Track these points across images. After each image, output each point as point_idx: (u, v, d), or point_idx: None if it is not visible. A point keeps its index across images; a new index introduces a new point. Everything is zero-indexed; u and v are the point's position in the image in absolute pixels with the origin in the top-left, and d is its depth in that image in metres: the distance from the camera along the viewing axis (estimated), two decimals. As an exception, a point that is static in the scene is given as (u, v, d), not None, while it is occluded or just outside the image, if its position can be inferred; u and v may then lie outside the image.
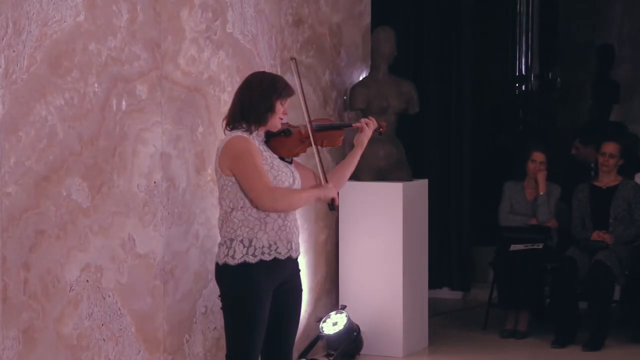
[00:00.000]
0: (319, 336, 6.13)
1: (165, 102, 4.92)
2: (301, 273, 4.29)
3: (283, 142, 4.21)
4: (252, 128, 4.11)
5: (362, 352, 6.25)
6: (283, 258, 4.10)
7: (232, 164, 4.05)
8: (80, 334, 4.45)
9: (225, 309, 4.12)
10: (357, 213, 6.36)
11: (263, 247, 4.05)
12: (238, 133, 4.10)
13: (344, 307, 6.21)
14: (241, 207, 4.06)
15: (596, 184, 6.86)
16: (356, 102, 6.45)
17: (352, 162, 4.41)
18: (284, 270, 4.14)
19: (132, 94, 4.71)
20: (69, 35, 4.36)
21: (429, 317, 6.71)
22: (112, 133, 4.60)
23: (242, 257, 4.03)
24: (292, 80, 4.29)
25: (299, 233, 4.21)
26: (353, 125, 4.39)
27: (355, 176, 6.46)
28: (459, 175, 8.00)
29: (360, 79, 6.65)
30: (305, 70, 6.10)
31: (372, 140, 6.42)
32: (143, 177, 4.79)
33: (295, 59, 4.39)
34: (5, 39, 4.05)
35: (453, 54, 7.94)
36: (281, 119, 4.17)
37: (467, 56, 7.95)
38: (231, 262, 4.04)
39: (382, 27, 6.63)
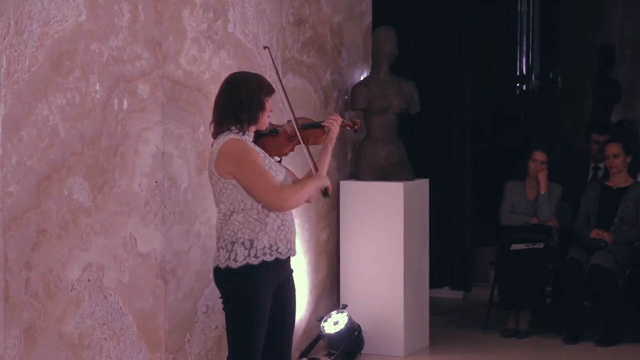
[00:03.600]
0: (320, 335, 6.13)
1: (166, 101, 4.93)
2: (301, 275, 4.30)
3: (272, 142, 4.21)
4: (245, 127, 4.09)
5: (363, 351, 6.25)
6: (284, 258, 4.11)
7: (234, 167, 4.02)
8: (81, 333, 4.46)
9: (228, 311, 4.10)
10: (358, 213, 6.36)
11: (264, 247, 4.04)
12: (231, 136, 4.06)
13: (345, 307, 6.21)
14: (242, 210, 4.04)
15: (607, 183, 6.86)
16: (357, 102, 6.45)
17: (325, 160, 4.33)
18: (284, 270, 4.14)
19: (133, 94, 4.72)
20: (71, 34, 4.36)
21: (430, 316, 6.71)
22: (114, 132, 4.61)
23: (245, 259, 4.01)
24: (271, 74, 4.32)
25: (295, 232, 4.22)
26: (322, 124, 4.33)
27: (357, 176, 6.50)
28: (460, 174, 8.00)
29: (361, 78, 6.65)
30: (306, 70, 6.11)
31: (373, 140, 6.52)
32: (144, 177, 4.80)
33: (268, 47, 4.39)
34: (7, 38, 4.06)
35: (454, 53, 7.94)
36: (268, 116, 4.16)
37: (468, 56, 7.95)
38: (233, 265, 4.02)
39: (383, 26, 6.64)
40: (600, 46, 9.70)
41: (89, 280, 4.49)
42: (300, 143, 4.22)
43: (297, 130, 4.20)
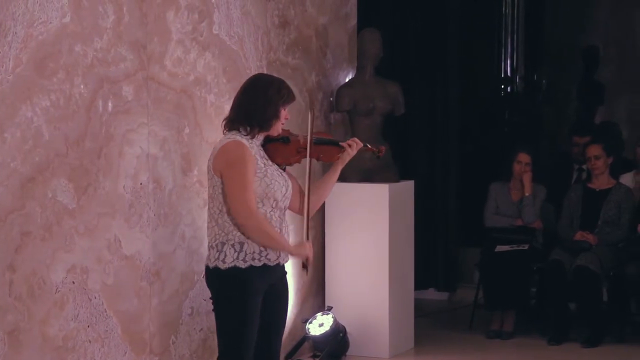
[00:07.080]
0: (305, 337, 6.13)
1: (151, 103, 4.92)
2: (287, 275, 4.29)
3: (280, 149, 4.14)
4: (255, 132, 4.07)
5: (348, 353, 6.26)
6: (272, 264, 4.08)
7: (224, 168, 3.99)
8: (66, 335, 4.45)
9: (217, 312, 4.10)
10: (344, 214, 6.37)
11: (254, 252, 4.02)
12: (237, 137, 4.03)
13: (330, 308, 6.22)
14: None
15: (590, 186, 6.87)
16: (342, 103, 6.46)
17: (333, 178, 4.32)
18: (273, 275, 4.12)
19: (118, 95, 4.71)
20: (55, 36, 4.35)
21: (415, 317, 6.71)
22: (98, 134, 4.60)
23: (233, 261, 4.00)
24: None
25: (289, 239, 4.19)
26: (341, 143, 4.27)
27: (342, 177, 6.42)
28: (446, 176, 8.01)
29: (346, 80, 6.66)
30: (291, 72, 6.11)
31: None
32: (129, 179, 4.79)
33: (313, 110, 4.30)
34: (-10, 40, 4.04)
35: (439, 55, 7.95)
36: (283, 124, 4.14)
37: (453, 58, 7.96)
38: (221, 266, 4.01)
39: (368, 28, 6.64)
40: (584, 48, 9.75)
41: (73, 283, 4.48)
42: (306, 157, 4.15)
43: (308, 145, 4.13)
